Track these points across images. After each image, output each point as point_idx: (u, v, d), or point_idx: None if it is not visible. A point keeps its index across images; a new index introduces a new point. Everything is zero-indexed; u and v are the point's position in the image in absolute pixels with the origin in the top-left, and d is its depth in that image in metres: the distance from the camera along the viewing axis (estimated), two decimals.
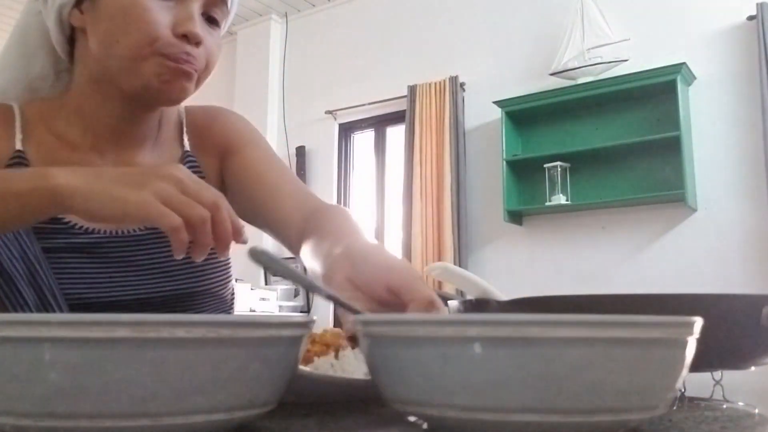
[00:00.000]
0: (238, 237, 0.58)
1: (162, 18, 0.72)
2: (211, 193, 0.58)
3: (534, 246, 3.78)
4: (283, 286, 4.35)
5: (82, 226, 0.77)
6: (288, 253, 0.81)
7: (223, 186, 0.89)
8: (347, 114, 4.63)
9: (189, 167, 0.85)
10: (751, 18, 3.27)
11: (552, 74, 3.66)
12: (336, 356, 0.52)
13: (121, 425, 0.31)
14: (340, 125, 4.70)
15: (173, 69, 0.73)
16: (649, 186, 3.38)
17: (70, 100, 0.80)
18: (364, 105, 4.50)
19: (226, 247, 0.58)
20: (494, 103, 3.77)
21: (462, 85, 4.09)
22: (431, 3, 4.35)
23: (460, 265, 2.97)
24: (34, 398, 0.31)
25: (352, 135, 4.78)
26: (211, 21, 0.78)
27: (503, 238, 3.88)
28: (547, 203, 3.59)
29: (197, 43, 0.74)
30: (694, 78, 3.38)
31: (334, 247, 0.57)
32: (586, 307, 0.57)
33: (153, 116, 0.83)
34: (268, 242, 4.52)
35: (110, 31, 0.73)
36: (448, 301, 0.73)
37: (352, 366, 0.51)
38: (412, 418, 0.40)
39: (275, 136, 4.85)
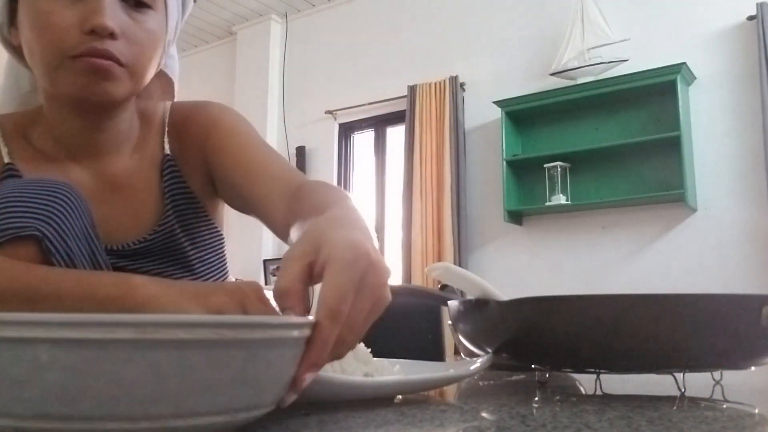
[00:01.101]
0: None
1: (66, 18, 0.68)
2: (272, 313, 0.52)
3: (534, 246, 3.78)
4: None
5: None
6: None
7: (211, 180, 0.85)
8: (347, 114, 4.63)
9: (169, 172, 0.83)
10: (751, 18, 3.28)
11: (552, 74, 3.66)
12: None
13: (122, 428, 0.31)
14: (340, 125, 4.70)
15: (84, 70, 0.69)
16: (649, 186, 3.38)
17: (41, 113, 0.79)
18: (364, 105, 4.50)
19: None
20: (494, 103, 3.77)
21: (462, 85, 4.09)
22: (431, 3, 4.35)
23: (460, 265, 2.97)
24: (32, 400, 0.30)
25: (352, 135, 4.78)
26: (139, 4, 0.72)
27: (503, 238, 3.88)
28: (547, 203, 3.59)
29: (111, 34, 0.68)
30: (694, 78, 3.38)
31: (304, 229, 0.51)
32: (586, 307, 0.57)
33: (117, 121, 0.79)
34: (266, 234, 4.52)
35: (28, 45, 0.72)
36: (448, 302, 0.73)
37: (351, 367, 0.51)
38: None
39: (275, 136, 4.86)
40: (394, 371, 0.53)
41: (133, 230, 0.81)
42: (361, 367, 0.51)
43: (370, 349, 0.54)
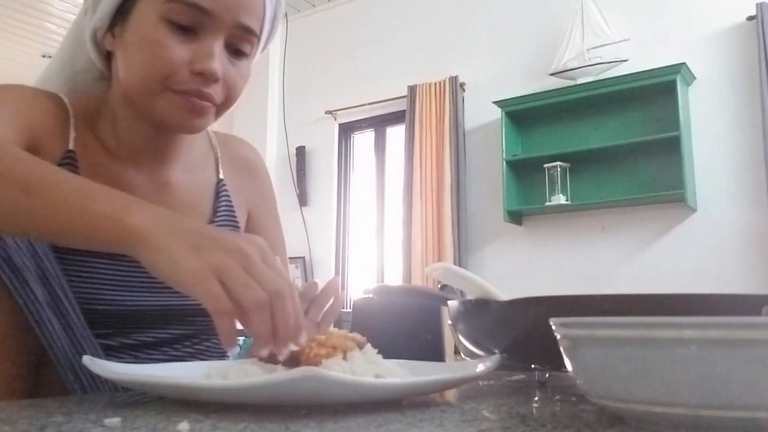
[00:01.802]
0: (297, 336, 0.51)
1: (179, 55, 0.71)
2: (278, 277, 0.51)
3: (534, 246, 3.78)
4: None
5: None
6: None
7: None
8: (347, 114, 4.63)
9: (223, 197, 0.88)
10: (750, 18, 3.28)
11: (552, 74, 3.66)
12: (344, 358, 0.52)
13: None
14: (340, 125, 4.70)
15: (184, 106, 0.72)
16: (648, 186, 3.38)
17: (108, 107, 0.81)
18: (364, 105, 4.50)
19: (284, 345, 0.51)
20: (494, 103, 3.77)
21: (462, 85, 4.09)
22: (431, 3, 4.35)
23: (460, 265, 2.97)
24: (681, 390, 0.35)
25: (352, 135, 4.78)
26: (238, 52, 0.75)
27: (503, 238, 3.88)
28: (547, 203, 3.59)
29: (214, 80, 0.72)
30: (694, 78, 3.38)
31: None
32: (585, 307, 0.57)
33: (181, 138, 0.83)
34: None
35: (129, 62, 0.73)
36: (448, 302, 0.73)
37: (361, 368, 0.50)
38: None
39: (275, 136, 4.86)
40: (403, 373, 0.53)
41: None
42: (371, 369, 0.50)
43: (377, 350, 0.53)
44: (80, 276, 0.74)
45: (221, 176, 0.90)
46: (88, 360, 0.53)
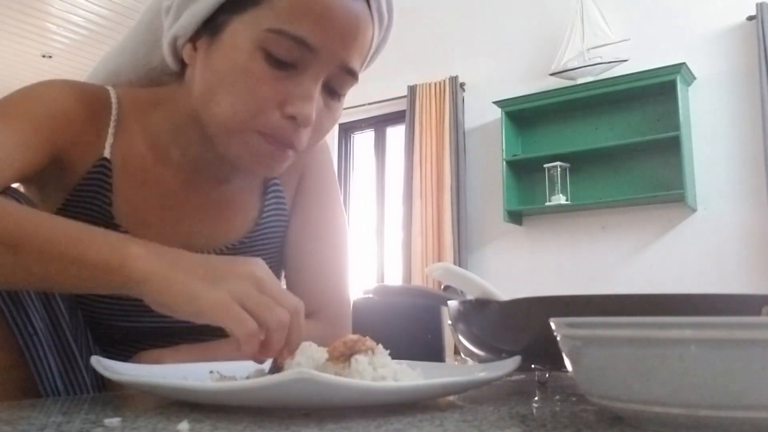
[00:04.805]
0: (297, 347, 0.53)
1: (273, 92, 0.62)
2: (292, 296, 0.53)
3: (534, 246, 3.78)
4: None
5: None
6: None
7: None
8: (347, 114, 4.63)
9: (273, 192, 0.81)
10: (750, 18, 3.28)
11: (552, 74, 3.66)
12: (348, 363, 0.51)
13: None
14: (340, 125, 4.70)
15: (263, 152, 0.64)
16: (648, 186, 3.39)
17: (171, 106, 0.73)
18: (364, 105, 4.50)
19: (291, 354, 0.53)
20: (494, 103, 3.77)
21: (462, 85, 4.09)
22: (431, 3, 4.35)
23: (460, 265, 2.97)
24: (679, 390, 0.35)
25: (352, 135, 4.78)
26: (333, 94, 0.67)
27: (503, 238, 3.88)
28: (547, 203, 3.59)
29: (306, 126, 0.64)
30: (694, 78, 3.38)
31: None
32: (585, 307, 0.57)
33: None
34: None
35: (213, 87, 0.64)
36: (448, 302, 0.73)
37: (366, 372, 0.50)
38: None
39: None
40: (414, 375, 0.52)
41: (219, 242, 0.78)
42: (380, 371, 0.50)
43: (389, 351, 0.53)
44: (89, 298, 0.71)
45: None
46: (94, 360, 0.53)
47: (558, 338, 0.42)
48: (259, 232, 0.80)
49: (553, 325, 0.42)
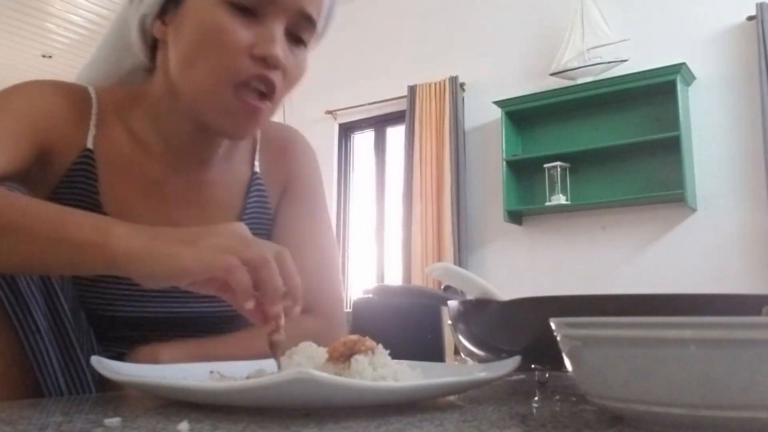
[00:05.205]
0: (298, 291, 0.55)
1: (242, 39, 0.67)
2: (274, 244, 0.55)
3: (534, 246, 3.78)
4: None
5: None
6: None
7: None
8: (347, 114, 4.63)
9: (256, 189, 0.84)
10: (750, 18, 3.28)
11: (552, 74, 3.66)
12: (348, 363, 0.51)
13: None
14: (340, 125, 4.70)
15: (244, 109, 0.69)
16: (648, 186, 3.39)
17: (148, 99, 0.77)
18: (364, 105, 4.50)
19: (298, 298, 0.54)
20: (494, 103, 3.77)
21: (462, 85, 4.09)
22: (431, 3, 4.35)
23: (460, 265, 2.97)
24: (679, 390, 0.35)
25: (352, 135, 4.78)
26: (297, 40, 0.72)
27: (503, 238, 3.88)
28: (547, 203, 3.59)
29: (275, 66, 0.68)
30: (694, 78, 3.38)
31: None
32: (585, 307, 0.57)
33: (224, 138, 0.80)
34: None
35: (188, 51, 0.69)
36: (448, 302, 0.73)
37: (366, 372, 0.50)
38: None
39: None
40: (414, 375, 0.52)
41: None
42: (380, 371, 0.50)
43: (389, 351, 0.53)
44: (92, 290, 0.72)
45: (256, 169, 0.85)
46: (95, 360, 0.53)
47: (558, 338, 0.42)
48: None
49: (553, 325, 0.42)
